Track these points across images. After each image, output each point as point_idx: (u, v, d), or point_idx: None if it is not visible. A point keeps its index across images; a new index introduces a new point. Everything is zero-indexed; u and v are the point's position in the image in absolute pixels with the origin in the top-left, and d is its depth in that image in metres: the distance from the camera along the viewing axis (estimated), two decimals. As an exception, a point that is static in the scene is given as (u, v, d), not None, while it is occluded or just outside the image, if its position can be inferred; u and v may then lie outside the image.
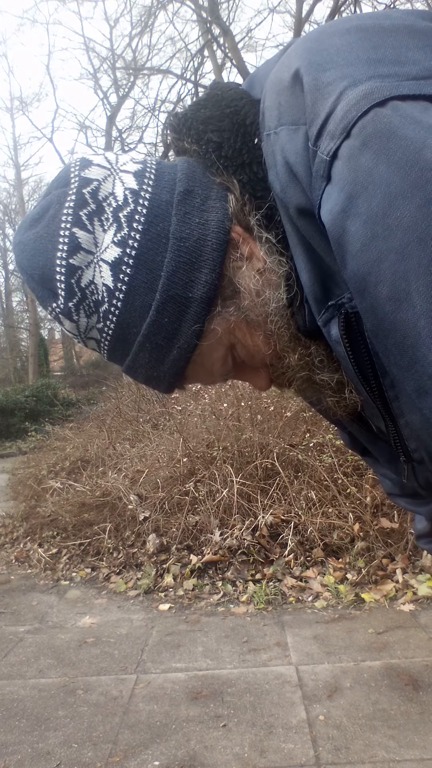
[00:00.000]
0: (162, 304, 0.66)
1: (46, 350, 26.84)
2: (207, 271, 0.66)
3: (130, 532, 4.40)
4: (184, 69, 13.24)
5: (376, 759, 2.13)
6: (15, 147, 26.57)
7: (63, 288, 0.66)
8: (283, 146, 0.60)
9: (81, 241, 0.65)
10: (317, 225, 0.58)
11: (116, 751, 2.30)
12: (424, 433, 0.60)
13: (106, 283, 0.65)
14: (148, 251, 0.65)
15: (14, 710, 2.65)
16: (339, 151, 0.53)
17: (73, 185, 0.67)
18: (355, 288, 0.55)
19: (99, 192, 0.66)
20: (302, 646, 3.03)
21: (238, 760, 2.20)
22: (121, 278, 0.65)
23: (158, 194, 0.66)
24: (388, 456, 0.83)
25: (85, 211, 0.65)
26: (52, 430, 9.31)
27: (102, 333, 0.69)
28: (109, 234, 0.65)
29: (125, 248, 0.65)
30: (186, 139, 0.70)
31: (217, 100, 0.69)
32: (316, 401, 0.79)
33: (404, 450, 0.73)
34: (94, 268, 0.66)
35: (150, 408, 7.35)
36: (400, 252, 0.49)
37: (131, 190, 0.66)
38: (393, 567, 3.68)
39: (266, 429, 4.68)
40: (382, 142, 0.51)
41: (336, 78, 0.55)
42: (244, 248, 0.67)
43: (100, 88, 18.74)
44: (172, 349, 0.68)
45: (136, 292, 0.66)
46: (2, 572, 4.69)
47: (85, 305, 0.67)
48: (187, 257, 0.65)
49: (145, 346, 0.68)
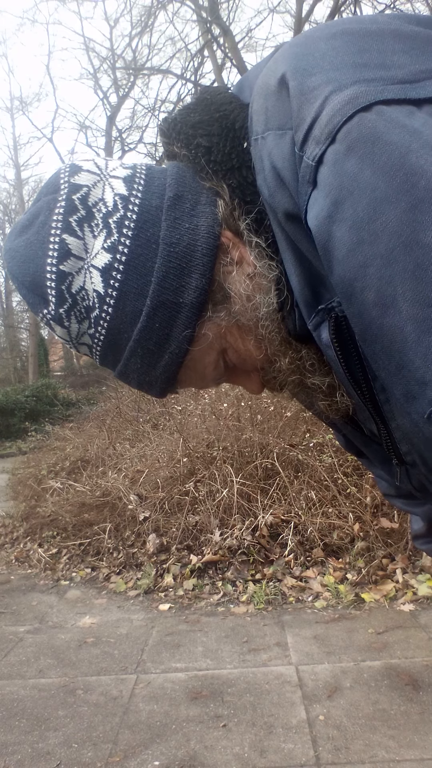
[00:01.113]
0: (153, 310, 0.66)
1: (46, 350, 26.85)
2: (197, 276, 0.66)
3: (130, 532, 4.41)
4: (184, 69, 13.27)
5: (376, 759, 2.13)
6: (15, 147, 26.64)
7: (53, 294, 0.66)
8: (270, 151, 0.60)
9: (71, 248, 0.65)
10: (305, 230, 0.58)
11: (116, 751, 2.30)
12: (414, 436, 0.59)
13: (96, 289, 0.65)
14: (138, 257, 0.65)
15: (14, 710, 2.65)
16: (324, 157, 0.53)
17: (63, 191, 0.66)
18: (342, 293, 0.55)
19: (89, 198, 0.66)
20: (302, 646, 3.03)
21: (238, 760, 2.20)
22: (111, 284, 0.65)
23: (148, 200, 0.66)
24: (381, 458, 0.83)
25: (75, 218, 0.65)
26: (52, 430, 9.32)
27: (93, 339, 0.69)
28: (99, 240, 0.65)
29: (115, 254, 0.65)
30: (176, 144, 0.70)
31: (207, 105, 0.69)
32: (309, 404, 0.79)
33: (396, 453, 0.73)
34: (84, 274, 0.66)
35: (150, 408, 7.34)
36: (385, 257, 0.49)
37: (121, 196, 0.66)
38: (393, 567, 3.68)
39: (266, 429, 4.68)
40: (367, 147, 0.50)
41: (321, 83, 0.55)
42: (234, 253, 0.67)
43: (100, 88, 18.79)
44: (164, 355, 0.68)
45: (126, 298, 0.66)
46: (2, 572, 4.69)
47: (76, 311, 0.67)
48: (177, 262, 0.65)
49: (137, 351, 0.68)
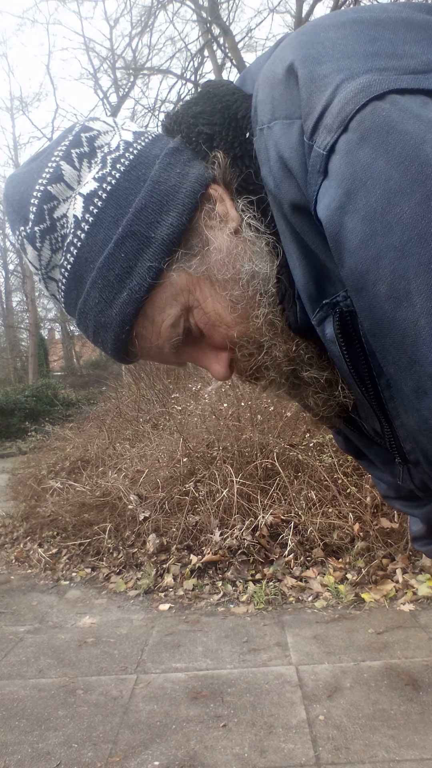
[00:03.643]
0: (122, 238, 0.64)
1: (46, 350, 26.85)
2: (174, 215, 0.65)
3: (130, 532, 4.40)
4: (184, 69, 13.24)
5: (376, 759, 2.13)
6: (15, 147, 26.63)
7: (34, 212, 0.66)
8: (277, 141, 0.58)
9: (65, 174, 0.66)
10: (312, 221, 0.57)
11: (116, 751, 2.30)
12: (420, 434, 0.58)
13: (75, 214, 0.66)
14: (123, 189, 0.65)
15: (14, 710, 2.65)
16: (336, 146, 0.52)
17: (75, 130, 0.68)
18: (353, 286, 0.53)
19: (96, 140, 0.68)
20: (302, 646, 3.03)
21: (238, 760, 2.20)
22: (90, 210, 0.65)
23: (149, 148, 0.68)
24: (383, 458, 0.81)
25: (77, 151, 0.67)
26: (52, 430, 9.32)
27: (62, 270, 0.68)
28: (92, 172, 0.66)
29: (102, 183, 0.65)
30: (176, 135, 0.70)
31: (209, 97, 0.69)
32: (298, 399, 0.76)
33: (400, 452, 0.71)
34: (70, 202, 0.66)
35: (150, 408, 7.34)
36: (399, 249, 0.48)
37: (125, 142, 0.68)
38: (393, 567, 3.68)
39: (266, 429, 4.68)
40: (381, 137, 0.49)
41: (332, 71, 0.53)
42: (220, 207, 0.66)
43: (100, 88, 18.75)
44: (123, 290, 0.66)
45: (100, 225, 0.65)
46: (2, 572, 4.69)
47: (52, 237, 0.67)
48: (157, 198, 0.65)
49: (97, 282, 0.66)
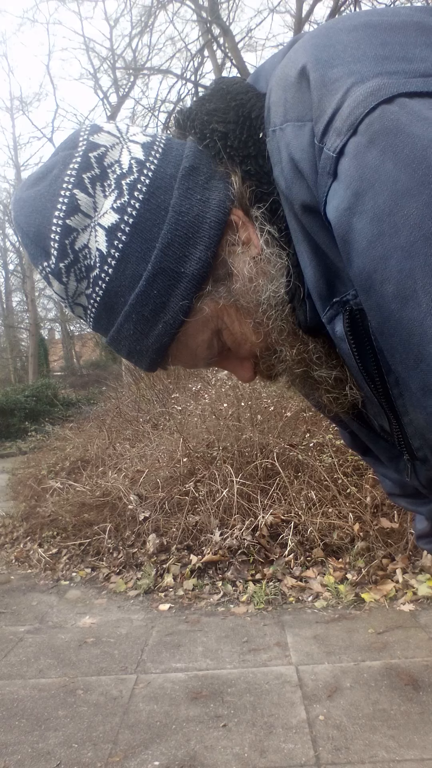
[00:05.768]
0: (153, 276, 0.65)
1: (46, 350, 26.85)
2: (202, 248, 0.65)
3: (130, 532, 4.40)
4: (184, 69, 13.24)
5: (376, 759, 2.13)
6: (15, 147, 26.77)
7: (56, 248, 0.65)
8: (289, 142, 0.59)
9: (80, 203, 0.65)
10: (322, 222, 0.58)
11: (116, 751, 2.30)
12: (428, 431, 0.59)
13: (99, 248, 0.65)
14: (145, 221, 0.65)
15: (14, 710, 2.65)
16: (345, 148, 0.53)
17: (81, 148, 0.66)
18: (361, 286, 0.54)
19: (105, 158, 0.66)
20: (302, 646, 3.03)
21: (238, 760, 2.20)
22: (115, 245, 0.65)
23: (163, 167, 0.66)
24: (389, 455, 0.82)
25: (89, 175, 0.65)
26: (52, 430, 9.33)
27: (90, 299, 0.68)
28: (109, 200, 0.65)
29: (123, 215, 0.65)
30: (190, 132, 0.69)
31: (223, 94, 0.69)
32: (309, 395, 0.79)
33: (408, 448, 0.73)
34: (90, 232, 0.65)
35: (150, 408, 7.34)
36: (406, 249, 0.49)
37: (137, 160, 0.66)
38: (393, 567, 3.68)
39: (266, 429, 4.68)
40: (389, 139, 0.50)
41: (343, 74, 0.54)
42: (243, 233, 0.67)
43: (100, 88, 18.78)
44: (158, 324, 0.67)
45: (128, 261, 0.65)
46: (2, 572, 4.69)
47: (76, 269, 0.66)
48: (183, 231, 0.65)
49: (131, 317, 0.67)
